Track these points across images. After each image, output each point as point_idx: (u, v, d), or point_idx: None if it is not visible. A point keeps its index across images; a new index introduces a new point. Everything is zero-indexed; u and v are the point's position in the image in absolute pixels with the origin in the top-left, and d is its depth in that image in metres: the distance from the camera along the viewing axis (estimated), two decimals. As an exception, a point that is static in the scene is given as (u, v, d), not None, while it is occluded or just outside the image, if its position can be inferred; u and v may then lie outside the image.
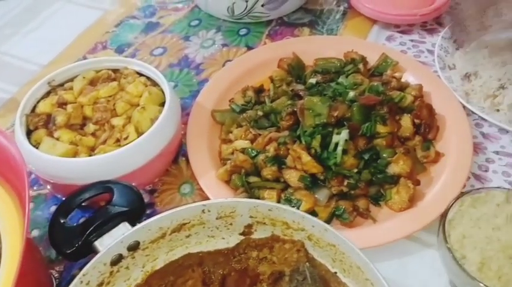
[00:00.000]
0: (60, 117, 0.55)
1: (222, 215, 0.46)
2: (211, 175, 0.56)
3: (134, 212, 0.46)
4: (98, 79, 0.59)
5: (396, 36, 0.75)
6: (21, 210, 0.42)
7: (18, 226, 0.42)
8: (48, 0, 0.87)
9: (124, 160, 0.52)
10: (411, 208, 0.52)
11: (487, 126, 0.62)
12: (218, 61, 0.74)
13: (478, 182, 0.56)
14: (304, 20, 0.79)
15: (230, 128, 0.61)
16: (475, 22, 0.72)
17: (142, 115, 0.54)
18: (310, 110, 0.56)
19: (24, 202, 0.40)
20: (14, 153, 0.42)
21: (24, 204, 0.40)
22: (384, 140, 0.56)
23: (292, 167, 0.54)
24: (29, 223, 0.38)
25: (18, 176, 0.42)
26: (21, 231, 0.41)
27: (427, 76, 0.65)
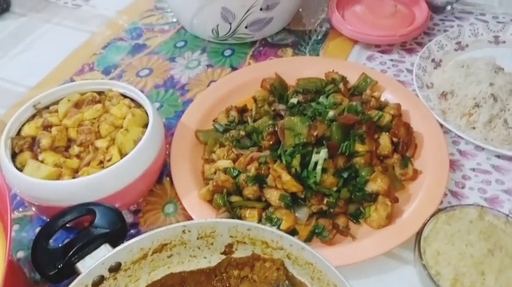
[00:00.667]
0: (44, 140, 0.56)
1: (202, 235, 0.47)
2: (195, 194, 0.57)
3: (116, 233, 0.47)
4: (83, 102, 0.61)
5: (376, 56, 0.77)
6: (4, 233, 0.42)
7: (1, 248, 0.42)
8: (35, 23, 0.88)
9: (107, 181, 0.53)
10: (389, 225, 0.54)
11: (463, 144, 0.63)
12: (203, 81, 0.75)
13: (455, 198, 0.58)
14: (288, 41, 0.81)
15: (213, 148, 0.62)
16: (452, 42, 0.75)
17: (126, 137, 0.56)
18: (291, 130, 0.58)
19: (7, 224, 0.40)
20: None
21: (7, 227, 0.41)
22: (363, 158, 0.57)
23: (272, 187, 0.55)
24: (10, 246, 0.39)
25: (1, 200, 0.42)
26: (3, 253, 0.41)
27: (405, 95, 0.67)
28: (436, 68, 0.72)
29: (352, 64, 0.75)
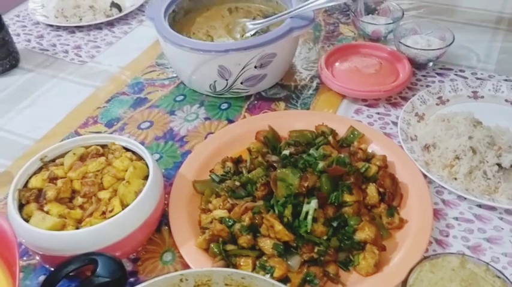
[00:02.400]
0: (50, 192, 0.59)
1: (199, 283, 0.49)
2: (192, 243, 0.60)
3: (117, 282, 0.49)
4: (87, 155, 0.64)
5: (364, 109, 0.82)
6: (12, 280, 0.45)
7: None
8: (43, 78, 0.93)
9: (109, 231, 0.55)
10: (377, 272, 0.56)
11: (446, 194, 0.67)
12: (201, 133, 0.79)
13: (440, 246, 0.61)
14: (281, 95, 0.86)
15: (209, 198, 0.65)
16: (434, 97, 0.80)
17: (127, 189, 0.59)
18: (283, 181, 0.61)
19: (15, 273, 0.43)
20: (6, 228, 0.46)
21: (14, 275, 0.44)
22: (351, 208, 0.60)
23: (266, 236, 0.58)
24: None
25: (9, 250, 0.45)
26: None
27: (391, 147, 0.71)
28: (419, 121, 0.76)
29: (340, 117, 0.79)
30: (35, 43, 1.03)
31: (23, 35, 1.05)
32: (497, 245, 0.61)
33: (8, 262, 0.46)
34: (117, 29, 1.06)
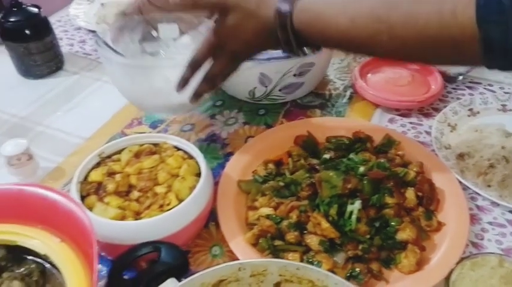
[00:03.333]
0: (110, 185, 0.63)
1: (255, 273, 0.53)
2: (240, 238, 0.63)
3: (179, 268, 0.53)
4: (141, 152, 0.68)
5: (397, 119, 0.86)
6: (88, 268, 0.48)
7: (86, 284, 0.48)
8: (87, 80, 0.98)
9: (167, 223, 0.59)
10: (419, 271, 0.59)
11: (480, 200, 0.70)
12: (241, 137, 0.83)
13: (475, 248, 0.64)
14: (315, 103, 0.90)
15: (255, 196, 0.69)
16: (465, 109, 0.84)
17: (183, 184, 0.63)
18: (327, 182, 0.65)
19: (91, 261, 0.47)
20: (83, 218, 0.50)
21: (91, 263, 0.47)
22: (392, 210, 0.64)
23: (312, 232, 0.62)
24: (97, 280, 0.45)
25: (85, 238, 0.49)
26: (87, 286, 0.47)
27: (426, 155, 0.74)
28: (452, 131, 0.80)
29: (375, 125, 0.83)
30: (78, 47, 1.08)
31: (65, 39, 1.10)
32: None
33: (84, 250, 0.50)
34: (156, 36, 1.11)
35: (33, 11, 0.93)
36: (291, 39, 0.60)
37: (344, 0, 0.58)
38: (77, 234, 0.50)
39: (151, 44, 0.78)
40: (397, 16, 0.53)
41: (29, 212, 0.53)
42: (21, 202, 0.53)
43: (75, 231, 0.50)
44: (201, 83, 0.67)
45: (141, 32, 0.77)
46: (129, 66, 0.71)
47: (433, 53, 0.55)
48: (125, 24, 0.76)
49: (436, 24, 0.51)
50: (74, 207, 0.51)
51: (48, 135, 0.85)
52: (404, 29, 0.53)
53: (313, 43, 0.63)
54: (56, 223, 0.52)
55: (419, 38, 0.52)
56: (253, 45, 0.65)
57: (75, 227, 0.50)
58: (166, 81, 0.68)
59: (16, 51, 0.94)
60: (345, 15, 0.57)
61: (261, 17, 0.61)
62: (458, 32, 0.49)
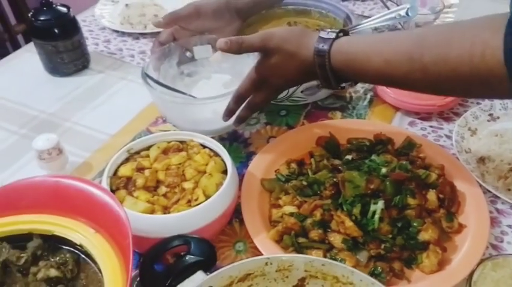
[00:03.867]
0: (139, 180, 0.65)
1: (281, 268, 0.54)
2: (263, 235, 0.65)
3: (208, 261, 0.54)
4: (169, 149, 0.70)
5: (417, 122, 0.87)
6: (123, 259, 0.50)
7: (120, 273, 0.49)
8: (112, 79, 1.00)
9: (194, 218, 0.61)
10: (440, 271, 0.61)
11: (500, 203, 0.71)
12: (263, 137, 0.85)
13: (495, 250, 0.65)
14: (336, 105, 0.92)
15: (279, 195, 0.70)
16: (485, 113, 0.84)
17: (210, 181, 0.64)
18: (350, 182, 0.66)
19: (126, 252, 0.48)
20: (119, 210, 0.51)
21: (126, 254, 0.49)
22: (414, 211, 0.65)
23: (336, 231, 0.63)
24: (131, 278, 0.47)
25: (120, 230, 0.51)
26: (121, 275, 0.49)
27: (447, 158, 0.75)
28: (472, 135, 0.81)
29: (396, 128, 0.84)
30: (103, 47, 1.10)
31: (90, 39, 1.13)
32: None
33: (120, 243, 0.51)
34: (179, 37, 1.13)
35: (62, 11, 0.96)
36: (329, 76, 0.65)
37: (377, 41, 0.63)
38: (111, 225, 0.52)
39: (188, 66, 0.87)
40: (429, 57, 0.57)
41: (64, 203, 0.55)
42: (58, 193, 0.55)
43: (110, 222, 0.52)
44: (244, 110, 0.74)
45: (177, 56, 0.85)
46: (180, 103, 0.77)
47: (464, 90, 0.60)
48: (162, 52, 0.83)
49: (467, 66, 0.54)
50: (109, 199, 0.53)
51: (75, 131, 0.87)
52: (437, 69, 0.56)
53: (350, 80, 0.68)
54: (91, 214, 0.54)
55: (451, 77, 0.56)
56: (294, 80, 0.72)
57: (111, 218, 0.52)
58: (214, 113, 0.76)
59: (45, 49, 0.97)
60: (380, 56, 0.61)
61: (301, 57, 0.66)
62: (488, 73, 0.53)
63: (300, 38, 0.67)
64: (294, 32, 0.69)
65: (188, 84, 0.86)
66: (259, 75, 0.70)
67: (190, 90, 0.84)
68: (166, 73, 0.84)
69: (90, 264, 0.53)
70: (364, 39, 0.67)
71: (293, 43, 0.66)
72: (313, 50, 0.64)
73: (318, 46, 0.64)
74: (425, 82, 0.59)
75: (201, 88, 0.85)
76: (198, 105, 0.77)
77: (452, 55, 0.55)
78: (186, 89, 0.84)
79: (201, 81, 0.87)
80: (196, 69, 0.87)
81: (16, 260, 0.53)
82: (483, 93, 0.63)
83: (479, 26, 0.54)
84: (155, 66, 0.82)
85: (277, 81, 0.71)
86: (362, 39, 0.66)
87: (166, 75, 0.84)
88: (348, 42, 0.64)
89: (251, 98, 0.73)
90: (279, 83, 0.71)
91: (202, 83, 0.87)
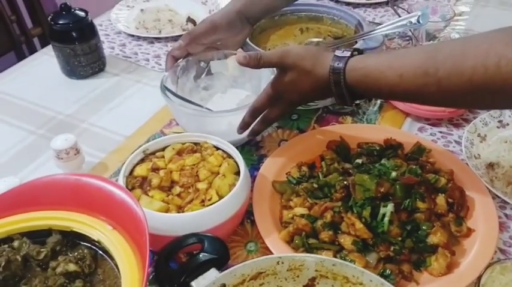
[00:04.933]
0: (155, 180, 0.66)
1: (292, 267, 0.56)
2: (274, 236, 0.66)
3: (221, 259, 0.56)
4: (183, 150, 0.72)
5: (427, 128, 0.88)
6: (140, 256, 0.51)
7: (137, 270, 0.51)
8: (127, 82, 1.02)
9: (208, 217, 0.62)
10: (448, 274, 0.61)
11: (509, 209, 0.72)
12: (274, 140, 0.87)
13: (504, 255, 0.66)
14: (347, 110, 0.93)
15: (290, 196, 0.72)
16: (495, 120, 0.85)
17: (223, 181, 0.66)
18: (360, 185, 0.67)
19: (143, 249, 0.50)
20: (136, 208, 0.53)
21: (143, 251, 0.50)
22: (423, 214, 0.66)
23: (346, 232, 0.64)
24: (148, 274, 0.48)
25: (137, 227, 0.52)
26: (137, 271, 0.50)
27: (456, 163, 0.76)
28: (481, 141, 0.82)
29: (406, 133, 0.85)
30: (118, 50, 1.13)
31: (106, 43, 1.15)
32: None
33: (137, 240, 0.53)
34: (192, 42, 1.15)
35: (81, 15, 0.99)
36: (344, 94, 0.67)
37: (391, 57, 0.65)
38: (129, 223, 0.54)
39: (204, 80, 0.90)
40: (444, 70, 0.58)
41: (83, 200, 0.57)
42: (77, 190, 0.57)
43: (127, 220, 0.54)
44: (259, 123, 0.77)
45: (194, 69, 0.88)
46: (197, 115, 0.80)
47: (478, 101, 0.61)
48: (181, 67, 0.86)
49: (481, 76, 0.55)
50: (127, 198, 0.55)
51: (91, 133, 0.90)
52: (451, 82, 0.58)
53: (364, 96, 0.71)
54: (109, 212, 0.55)
55: (465, 89, 0.57)
56: (309, 96, 0.74)
57: (128, 216, 0.54)
58: (229, 125, 0.78)
59: (63, 52, 1.00)
60: (394, 71, 0.62)
61: (316, 75, 0.68)
62: (502, 83, 0.54)
63: (316, 56, 0.69)
64: (310, 50, 0.71)
65: (204, 98, 0.88)
66: (275, 91, 0.73)
67: (206, 103, 0.86)
68: (184, 86, 0.87)
69: (107, 260, 0.55)
70: (378, 56, 0.69)
71: (309, 61, 0.68)
72: (328, 68, 0.66)
73: (334, 64, 0.66)
74: (439, 95, 0.60)
75: (216, 102, 0.88)
76: (214, 118, 0.80)
77: (466, 67, 0.56)
78: (202, 102, 0.86)
79: (217, 95, 0.89)
80: (212, 83, 0.90)
81: (36, 255, 0.55)
82: (497, 104, 0.64)
83: (493, 38, 0.55)
84: (173, 79, 0.84)
85: (293, 97, 0.73)
86: (376, 56, 0.67)
87: (184, 88, 0.87)
88: (362, 59, 0.66)
89: (266, 113, 0.76)
90: (294, 99, 0.73)
91: (218, 96, 0.89)
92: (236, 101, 0.87)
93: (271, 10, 0.96)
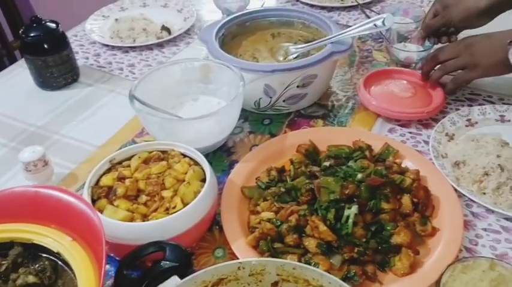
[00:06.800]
0: (120, 189, 0.67)
1: (254, 272, 0.56)
2: (241, 241, 0.67)
3: (183, 267, 0.56)
4: (150, 159, 0.72)
5: (397, 128, 0.88)
6: (97, 265, 0.52)
7: (94, 280, 0.51)
8: (101, 92, 1.02)
9: (172, 225, 0.63)
10: (412, 273, 0.62)
11: (475, 207, 0.72)
12: (246, 145, 0.87)
13: (469, 254, 0.66)
14: (318, 113, 0.93)
15: (258, 201, 0.72)
16: (463, 119, 0.86)
17: (188, 189, 0.66)
18: (326, 188, 0.67)
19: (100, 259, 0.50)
20: (94, 218, 0.53)
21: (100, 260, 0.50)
22: (388, 215, 0.66)
23: (310, 236, 0.64)
24: (103, 284, 0.48)
25: (95, 237, 0.52)
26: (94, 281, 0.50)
27: (423, 163, 0.77)
28: (449, 141, 0.82)
29: (375, 135, 0.86)
30: (93, 60, 1.13)
31: (81, 53, 1.16)
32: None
33: (94, 249, 0.53)
34: (167, 50, 1.16)
35: (51, 27, 0.99)
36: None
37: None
38: (87, 233, 0.54)
39: (176, 87, 0.89)
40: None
41: (44, 212, 0.57)
42: (37, 202, 0.58)
43: (86, 230, 0.54)
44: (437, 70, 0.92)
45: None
46: (164, 123, 0.80)
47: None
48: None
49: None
50: (85, 208, 0.55)
51: (63, 144, 0.90)
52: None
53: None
54: (69, 223, 0.55)
55: None
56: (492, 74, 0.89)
57: (86, 226, 0.54)
58: (198, 132, 0.78)
59: (34, 64, 1.00)
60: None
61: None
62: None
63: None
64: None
65: (176, 106, 0.88)
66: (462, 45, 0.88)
67: (178, 112, 0.86)
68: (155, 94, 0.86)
69: (68, 271, 0.55)
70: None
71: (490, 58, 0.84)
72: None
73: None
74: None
75: (187, 109, 0.88)
76: (181, 125, 0.80)
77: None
78: (174, 110, 0.86)
79: (188, 102, 0.90)
80: (183, 90, 0.90)
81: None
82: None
83: None
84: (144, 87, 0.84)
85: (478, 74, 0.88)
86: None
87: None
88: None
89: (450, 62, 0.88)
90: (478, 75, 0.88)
91: (189, 104, 0.89)
92: (208, 108, 0.87)
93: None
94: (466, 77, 0.89)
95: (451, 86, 0.91)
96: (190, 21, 1.23)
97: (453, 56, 0.88)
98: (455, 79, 0.90)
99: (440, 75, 0.91)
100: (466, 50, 0.86)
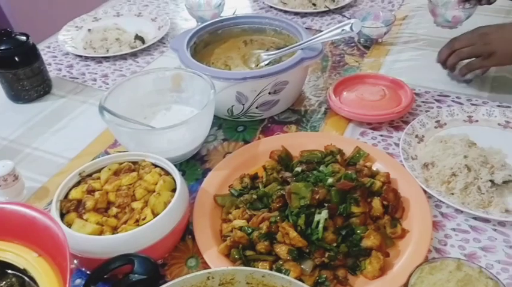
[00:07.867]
0: (89, 202, 0.66)
1: (223, 281, 0.56)
2: (214, 250, 0.67)
3: (152, 279, 0.56)
4: (120, 170, 0.72)
5: (368, 132, 0.89)
6: (63, 281, 0.51)
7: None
8: (74, 103, 1.02)
9: (142, 237, 0.62)
10: (382, 276, 0.62)
11: (444, 207, 0.73)
12: (220, 153, 0.87)
13: (438, 254, 0.67)
14: (292, 119, 0.94)
15: (230, 209, 0.72)
16: (432, 121, 0.87)
17: (158, 200, 0.66)
18: (296, 194, 0.68)
19: (65, 274, 0.50)
20: (58, 233, 0.53)
21: (65, 276, 0.50)
22: (358, 219, 0.67)
23: (281, 242, 0.65)
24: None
25: (60, 253, 0.52)
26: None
27: (393, 165, 0.78)
28: (419, 142, 0.84)
29: (347, 139, 0.87)
30: (66, 72, 1.12)
31: (54, 65, 1.15)
32: (491, 254, 0.67)
33: (60, 263, 0.53)
34: (141, 59, 1.16)
35: (21, 39, 0.98)
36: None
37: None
38: (52, 248, 0.53)
39: (147, 97, 0.88)
40: None
41: (9, 228, 0.56)
42: (2, 219, 0.57)
43: (51, 246, 0.54)
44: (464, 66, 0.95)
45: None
46: (134, 134, 0.79)
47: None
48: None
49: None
50: (49, 223, 0.54)
51: (35, 157, 0.89)
52: None
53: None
54: (34, 239, 0.55)
55: None
56: (506, 63, 0.92)
57: (51, 242, 0.53)
58: (169, 141, 0.78)
59: (5, 77, 0.99)
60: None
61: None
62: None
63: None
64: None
65: (148, 116, 0.88)
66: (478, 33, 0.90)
67: (150, 121, 0.86)
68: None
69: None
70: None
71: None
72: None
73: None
74: None
75: (160, 119, 0.88)
76: (152, 135, 0.80)
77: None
78: (146, 120, 0.86)
79: (161, 112, 0.89)
80: (155, 100, 0.89)
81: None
82: None
83: None
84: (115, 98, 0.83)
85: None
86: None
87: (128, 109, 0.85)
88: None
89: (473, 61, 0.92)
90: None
91: (162, 114, 0.89)
92: (180, 117, 0.87)
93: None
94: (481, 64, 0.92)
95: (464, 70, 0.94)
96: (164, 30, 1.23)
97: (468, 45, 0.91)
98: (470, 65, 0.93)
99: (456, 61, 0.93)
100: (481, 39, 0.89)
